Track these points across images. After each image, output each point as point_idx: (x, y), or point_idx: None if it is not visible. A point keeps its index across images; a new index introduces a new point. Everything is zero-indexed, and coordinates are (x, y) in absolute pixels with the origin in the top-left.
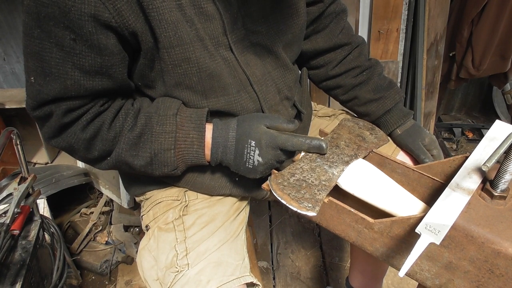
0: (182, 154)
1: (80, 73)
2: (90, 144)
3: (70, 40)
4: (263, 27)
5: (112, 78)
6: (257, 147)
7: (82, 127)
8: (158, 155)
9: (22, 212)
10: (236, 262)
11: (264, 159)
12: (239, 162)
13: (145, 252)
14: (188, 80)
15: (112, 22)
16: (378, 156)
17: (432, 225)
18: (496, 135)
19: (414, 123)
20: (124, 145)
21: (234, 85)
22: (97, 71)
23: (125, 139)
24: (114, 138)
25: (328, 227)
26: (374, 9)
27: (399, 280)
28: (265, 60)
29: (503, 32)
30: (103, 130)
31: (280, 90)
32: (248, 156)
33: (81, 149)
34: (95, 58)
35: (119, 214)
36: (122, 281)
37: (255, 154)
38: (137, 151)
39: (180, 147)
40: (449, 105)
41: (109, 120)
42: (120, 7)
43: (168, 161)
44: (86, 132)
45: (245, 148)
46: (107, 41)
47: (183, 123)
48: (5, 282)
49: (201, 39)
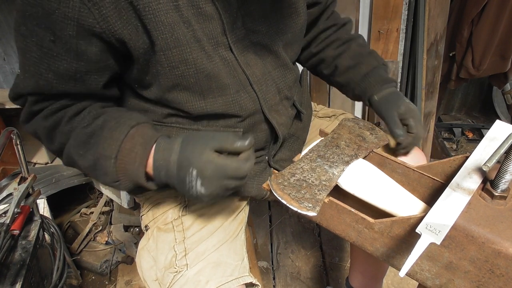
0: (125, 168)
1: (53, 76)
2: (50, 134)
3: (50, 41)
4: (263, 27)
5: (86, 85)
6: (198, 177)
7: (45, 115)
8: (100, 160)
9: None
10: (235, 262)
11: (208, 190)
12: (183, 189)
13: (144, 253)
14: (185, 82)
15: (96, 28)
16: (378, 156)
17: (433, 225)
18: (496, 135)
19: (393, 90)
20: (73, 141)
21: (233, 85)
22: (70, 76)
23: (76, 135)
24: (68, 132)
25: (329, 227)
26: (374, 9)
27: (399, 280)
28: (265, 59)
29: (503, 32)
30: (62, 122)
31: (280, 90)
32: (190, 184)
33: (43, 137)
34: (71, 62)
35: (119, 214)
36: (122, 281)
37: (197, 184)
38: (84, 151)
39: (123, 160)
40: (449, 105)
41: (70, 114)
42: (106, 13)
43: (109, 170)
44: (48, 121)
45: (186, 176)
46: (87, 47)
47: (134, 136)
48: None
49: (198, 40)
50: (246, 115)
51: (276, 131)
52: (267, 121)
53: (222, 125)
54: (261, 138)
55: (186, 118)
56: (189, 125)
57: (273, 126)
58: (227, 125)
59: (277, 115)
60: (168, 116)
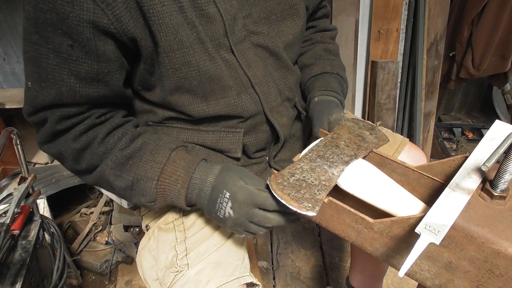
0: (164, 189)
1: (76, 80)
2: (79, 155)
3: (68, 46)
4: (264, 28)
5: (109, 85)
6: (230, 200)
7: (74, 136)
8: (140, 181)
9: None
10: (235, 262)
11: (236, 214)
12: (211, 209)
13: (145, 252)
14: (188, 84)
15: (111, 28)
16: (378, 156)
17: (432, 225)
18: (496, 135)
19: (333, 99)
20: (111, 162)
21: (235, 87)
22: (93, 78)
23: (113, 157)
24: (103, 154)
25: (328, 227)
26: (374, 9)
27: (399, 280)
28: (267, 61)
29: (503, 32)
30: (95, 144)
31: (282, 91)
32: (220, 206)
33: (70, 158)
34: (92, 64)
35: (119, 214)
36: (122, 281)
37: (227, 206)
38: (122, 172)
39: (164, 182)
40: (449, 105)
41: (103, 134)
42: (119, 13)
43: (148, 191)
44: (77, 143)
45: (218, 197)
46: (105, 48)
47: (175, 159)
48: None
49: (202, 41)
50: (248, 116)
51: (277, 132)
52: (269, 122)
53: (223, 125)
54: (262, 138)
55: (188, 120)
56: (190, 126)
57: (274, 127)
58: (229, 126)
59: (278, 116)
60: (170, 117)
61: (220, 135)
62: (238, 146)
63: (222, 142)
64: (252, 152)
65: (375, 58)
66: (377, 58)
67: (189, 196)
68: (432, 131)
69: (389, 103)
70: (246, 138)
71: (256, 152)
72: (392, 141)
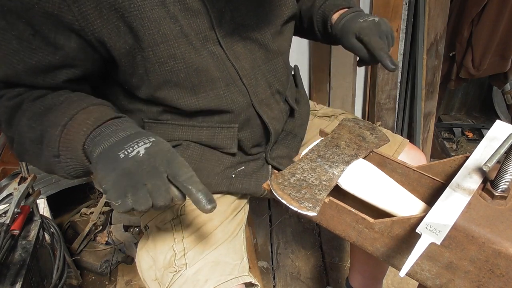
0: (68, 139)
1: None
2: (10, 116)
3: (30, 35)
4: (252, 20)
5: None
6: (151, 143)
7: (8, 97)
8: (48, 129)
9: (22, 212)
10: (234, 261)
11: (146, 156)
12: (116, 147)
13: (143, 252)
14: (175, 77)
15: (74, 25)
16: (378, 156)
17: (433, 225)
18: (497, 135)
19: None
20: (30, 113)
21: (223, 79)
22: (42, 69)
23: (33, 108)
24: (28, 109)
25: (329, 227)
26: (374, 9)
27: (399, 280)
28: (255, 54)
29: (503, 32)
30: (25, 102)
31: (271, 84)
32: (133, 145)
33: (3, 120)
34: (47, 55)
35: (119, 214)
36: (122, 281)
37: (142, 147)
38: (36, 123)
39: (69, 130)
40: (449, 105)
41: (36, 94)
42: (86, 11)
43: (52, 139)
44: (10, 102)
45: (137, 138)
46: (65, 43)
47: (92, 110)
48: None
49: (186, 35)
50: (238, 109)
51: (267, 125)
52: (259, 116)
53: (217, 121)
54: (257, 133)
55: (181, 115)
56: (185, 122)
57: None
58: (222, 121)
59: (268, 109)
60: (162, 113)
61: (214, 131)
62: (233, 142)
63: (217, 138)
64: (249, 148)
65: None
66: None
67: (91, 140)
68: (432, 131)
69: (389, 103)
70: (241, 134)
71: (253, 148)
72: (391, 142)
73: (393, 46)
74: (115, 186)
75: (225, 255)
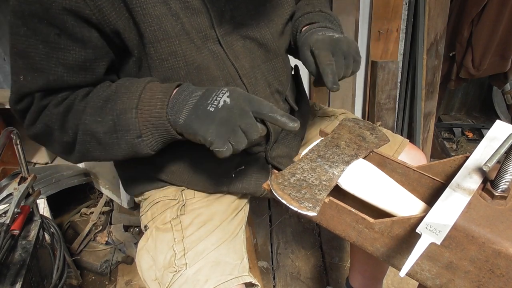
0: (146, 118)
1: (63, 69)
2: (64, 119)
3: (55, 35)
4: (253, 20)
5: (95, 73)
6: (228, 92)
7: (56, 103)
8: (120, 117)
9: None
10: (234, 261)
11: (232, 101)
12: (202, 103)
13: (143, 253)
14: (176, 75)
15: (92, 19)
16: (378, 156)
17: (433, 225)
18: (497, 135)
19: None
20: (90, 110)
21: (223, 78)
22: (80, 66)
23: (91, 105)
24: (84, 109)
25: (329, 227)
26: (374, 9)
27: (399, 280)
28: (255, 53)
29: (503, 32)
30: (76, 102)
31: (270, 83)
32: (215, 97)
33: (56, 127)
34: (80, 51)
35: (119, 214)
36: (122, 281)
37: (224, 96)
38: (102, 116)
39: (143, 109)
40: (449, 105)
41: (83, 93)
42: (101, 4)
43: (130, 123)
44: (59, 107)
45: (214, 91)
46: (90, 34)
47: (152, 87)
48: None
49: (187, 32)
50: None
51: (266, 124)
52: None
53: None
54: None
55: None
56: None
57: None
58: None
59: None
60: None
61: None
62: None
63: None
64: (249, 147)
65: (375, 58)
66: (377, 58)
67: (174, 104)
68: (432, 131)
69: (389, 103)
70: None
71: (253, 147)
72: (391, 142)
73: (355, 71)
74: (218, 135)
75: (225, 255)
